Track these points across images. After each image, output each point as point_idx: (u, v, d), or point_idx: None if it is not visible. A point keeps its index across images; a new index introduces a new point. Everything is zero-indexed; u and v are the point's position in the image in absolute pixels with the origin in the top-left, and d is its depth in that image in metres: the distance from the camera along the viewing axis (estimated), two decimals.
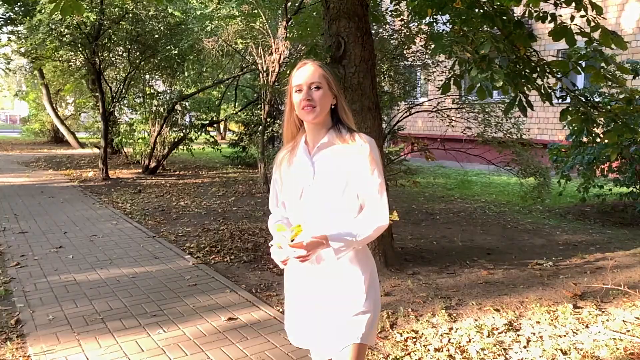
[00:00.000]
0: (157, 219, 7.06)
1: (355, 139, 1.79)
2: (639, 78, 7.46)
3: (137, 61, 11.72)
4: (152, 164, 12.10)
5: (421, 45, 8.71)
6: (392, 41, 9.11)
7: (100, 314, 3.75)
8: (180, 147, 12.63)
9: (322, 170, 1.81)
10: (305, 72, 1.82)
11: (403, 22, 8.21)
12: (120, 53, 12.56)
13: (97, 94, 12.01)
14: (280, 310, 3.85)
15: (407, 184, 9.42)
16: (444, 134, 9.84)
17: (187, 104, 12.75)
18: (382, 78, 9.65)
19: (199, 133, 12.39)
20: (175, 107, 12.05)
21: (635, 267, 4.95)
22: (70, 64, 13.06)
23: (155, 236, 6.11)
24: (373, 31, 8.64)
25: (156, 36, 11.40)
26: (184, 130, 12.30)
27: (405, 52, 9.33)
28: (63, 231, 6.29)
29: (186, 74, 12.69)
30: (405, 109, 9.25)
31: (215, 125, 16.19)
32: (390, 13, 7.68)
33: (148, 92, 12.61)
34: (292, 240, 1.69)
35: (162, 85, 14.14)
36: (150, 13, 11.16)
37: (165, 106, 11.98)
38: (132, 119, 13.29)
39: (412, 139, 9.38)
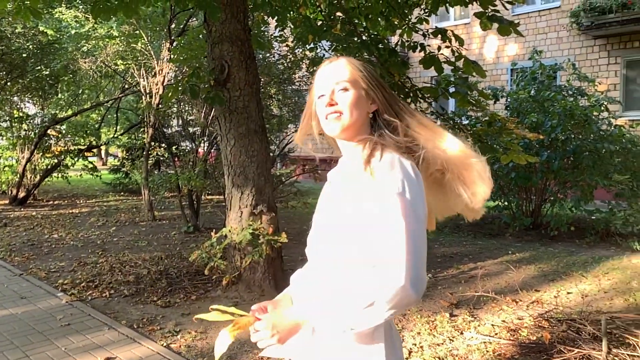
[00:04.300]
0: (26, 255, 6.39)
1: (377, 160, 1.25)
2: (499, 103, 8.32)
3: (3, 82, 10.67)
4: (21, 194, 10.97)
5: (306, 71, 8.97)
6: (279, 65, 9.28)
7: None
8: (55, 174, 11.61)
9: (326, 205, 1.37)
10: (328, 70, 1.34)
11: (289, 48, 8.40)
12: None
13: None
14: (164, 344, 3.65)
15: (298, 205, 9.55)
16: (332, 155, 10.16)
17: (62, 128, 11.82)
18: (271, 102, 9.76)
19: (75, 159, 11.50)
20: (48, 132, 11.12)
21: (501, 274, 5.44)
22: None
23: (23, 274, 5.51)
24: (260, 56, 8.75)
25: (24, 55, 10.49)
26: (58, 157, 11.35)
27: (293, 76, 9.54)
28: None
29: (60, 95, 11.78)
30: (294, 131, 9.43)
31: (94, 150, 15.16)
32: (275, 39, 7.83)
33: (16, 116, 11.49)
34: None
35: (33, 108, 12.99)
36: (17, 30, 10.27)
37: (37, 130, 11.00)
38: None
39: (301, 160, 9.55)
